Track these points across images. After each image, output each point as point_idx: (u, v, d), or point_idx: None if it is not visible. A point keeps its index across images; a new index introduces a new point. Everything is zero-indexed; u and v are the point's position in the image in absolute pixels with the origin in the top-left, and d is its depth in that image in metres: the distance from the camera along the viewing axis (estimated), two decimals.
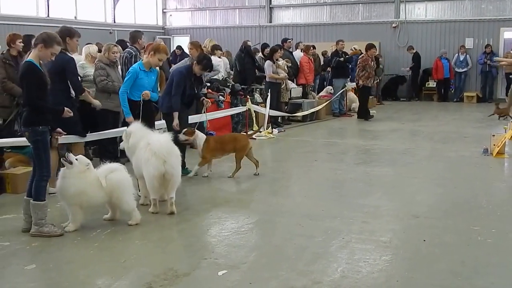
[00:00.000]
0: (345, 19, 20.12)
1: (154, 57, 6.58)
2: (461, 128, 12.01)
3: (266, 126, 11.11)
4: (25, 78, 4.88)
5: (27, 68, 4.88)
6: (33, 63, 4.88)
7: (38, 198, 4.97)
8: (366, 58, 13.44)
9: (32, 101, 4.91)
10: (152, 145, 5.54)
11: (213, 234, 5.17)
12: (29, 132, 4.94)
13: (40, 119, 4.95)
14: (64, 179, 5.04)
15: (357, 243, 4.80)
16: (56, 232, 4.98)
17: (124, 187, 5.19)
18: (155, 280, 4.02)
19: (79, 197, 5.02)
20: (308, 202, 6.21)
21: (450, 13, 18.72)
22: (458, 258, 4.48)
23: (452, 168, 8.02)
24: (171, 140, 5.75)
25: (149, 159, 5.51)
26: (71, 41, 6.45)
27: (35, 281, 4.15)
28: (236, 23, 22.12)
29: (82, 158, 5.14)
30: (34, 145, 4.98)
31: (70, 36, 6.42)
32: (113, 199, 5.18)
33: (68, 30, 6.52)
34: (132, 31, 8.84)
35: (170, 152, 5.57)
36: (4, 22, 15.93)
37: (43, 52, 4.90)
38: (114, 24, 20.64)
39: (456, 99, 18.22)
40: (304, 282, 3.99)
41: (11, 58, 7.25)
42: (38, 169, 4.99)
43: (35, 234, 4.95)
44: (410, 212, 5.74)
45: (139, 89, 6.57)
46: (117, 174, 5.18)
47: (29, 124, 4.94)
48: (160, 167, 5.47)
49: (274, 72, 11.93)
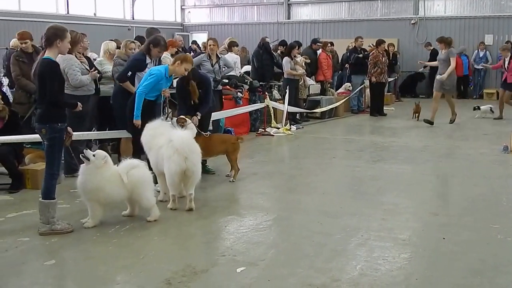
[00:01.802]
0: (363, 15, 19.98)
1: (180, 67, 6.43)
2: (480, 125, 11.85)
3: (284, 123, 11.09)
4: (47, 75, 4.82)
5: (47, 65, 4.84)
6: (53, 60, 4.87)
7: (49, 197, 4.94)
8: (376, 54, 13.33)
9: (54, 97, 4.87)
10: (174, 141, 5.58)
11: (231, 231, 5.17)
12: (46, 129, 4.88)
13: (58, 115, 4.94)
14: (83, 175, 5.06)
15: (376, 241, 4.77)
16: (68, 228, 4.98)
17: (145, 183, 5.21)
18: (174, 277, 4.04)
19: (96, 193, 5.03)
20: (326, 199, 6.18)
21: (470, 9, 18.46)
22: (478, 256, 4.42)
23: (472, 165, 7.91)
24: (193, 138, 5.79)
25: (171, 156, 5.55)
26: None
27: (54, 277, 4.20)
28: (254, 20, 22.09)
29: (99, 153, 5.14)
30: (50, 142, 4.92)
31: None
32: (134, 195, 5.18)
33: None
34: (149, 27, 8.87)
35: (191, 149, 5.62)
36: (24, 19, 16.14)
37: (62, 45, 4.88)
38: (133, 21, 20.77)
39: (476, 96, 17.98)
40: (322, 280, 3.97)
41: (25, 56, 7.37)
42: (49, 167, 4.95)
43: (47, 232, 4.90)
44: (429, 210, 5.69)
45: (154, 91, 6.42)
46: (138, 171, 5.19)
47: (46, 121, 4.89)
48: (182, 163, 5.52)
49: (292, 69, 11.89)
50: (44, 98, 4.88)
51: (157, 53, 7.04)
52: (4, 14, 16.23)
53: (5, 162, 6.57)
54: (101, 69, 7.76)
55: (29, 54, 7.41)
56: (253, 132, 10.94)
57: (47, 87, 4.83)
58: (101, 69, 7.75)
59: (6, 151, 6.54)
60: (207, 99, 7.02)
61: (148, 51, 6.93)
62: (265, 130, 10.85)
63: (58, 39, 4.83)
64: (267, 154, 9.18)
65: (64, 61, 6.60)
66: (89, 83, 7.09)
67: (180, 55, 6.99)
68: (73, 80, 6.80)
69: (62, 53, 4.98)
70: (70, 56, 6.74)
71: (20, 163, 6.78)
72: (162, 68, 6.52)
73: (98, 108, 7.61)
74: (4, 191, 6.48)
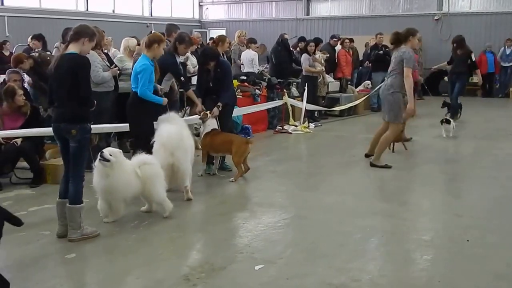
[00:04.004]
0: (385, 11, 19.71)
1: (159, 49, 6.11)
2: (507, 125, 11.59)
3: (302, 121, 11.01)
4: (80, 70, 4.53)
5: (79, 59, 4.58)
6: (82, 55, 4.66)
7: (80, 201, 4.71)
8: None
9: (88, 93, 4.63)
10: (161, 136, 5.71)
11: (249, 228, 5.13)
12: (77, 129, 4.56)
13: (88, 115, 4.71)
14: (105, 176, 4.93)
15: (397, 242, 4.69)
16: (96, 232, 4.83)
17: (156, 178, 5.20)
18: (192, 273, 4.02)
19: (124, 190, 5.02)
20: (346, 198, 6.10)
21: (497, 4, 18.10)
22: (503, 259, 4.31)
23: (498, 166, 7.71)
24: (181, 133, 5.86)
25: (158, 150, 5.68)
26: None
27: (75, 270, 4.21)
28: (273, 16, 22.00)
29: (113, 150, 5.05)
30: (79, 144, 4.61)
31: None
32: (145, 191, 5.19)
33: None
34: (168, 24, 8.87)
35: (178, 145, 5.74)
36: (43, 16, 16.36)
37: (87, 46, 4.70)
38: (151, 18, 20.87)
39: (502, 94, 17.57)
40: (342, 280, 3.91)
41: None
42: (77, 170, 4.67)
43: (79, 239, 4.67)
44: (453, 211, 5.58)
45: (151, 83, 6.12)
46: (149, 166, 5.21)
47: (78, 121, 4.59)
48: (168, 158, 5.66)
49: (310, 66, 11.79)
50: (72, 95, 4.53)
51: (184, 50, 7.03)
52: (24, 11, 16.41)
53: (27, 157, 6.65)
54: (121, 66, 7.79)
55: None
56: (270, 129, 10.88)
57: (81, 81, 4.52)
58: (121, 66, 7.78)
59: (28, 146, 6.63)
60: (227, 85, 6.96)
61: (176, 49, 6.93)
62: (283, 128, 10.79)
63: (87, 38, 4.65)
64: (285, 152, 9.12)
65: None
66: (110, 80, 7.12)
67: (154, 36, 6.35)
68: (95, 77, 6.82)
69: (83, 53, 4.69)
70: (92, 53, 6.72)
71: (41, 158, 6.86)
72: (145, 60, 6.07)
73: (117, 104, 7.62)
74: (26, 186, 6.58)
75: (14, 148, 6.56)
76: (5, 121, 6.79)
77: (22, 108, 6.79)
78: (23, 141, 6.60)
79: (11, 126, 6.74)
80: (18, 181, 6.71)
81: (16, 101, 6.72)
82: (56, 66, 4.61)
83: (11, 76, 7.47)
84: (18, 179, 6.76)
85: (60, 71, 4.56)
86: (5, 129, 6.72)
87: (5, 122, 6.79)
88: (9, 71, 7.73)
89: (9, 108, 6.75)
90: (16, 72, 7.69)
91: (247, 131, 9.61)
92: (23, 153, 6.62)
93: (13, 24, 15.90)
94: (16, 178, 6.76)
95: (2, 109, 6.80)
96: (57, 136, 4.79)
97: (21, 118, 6.80)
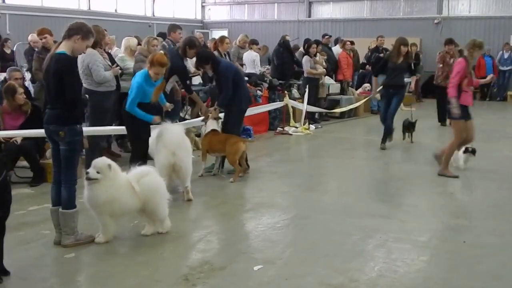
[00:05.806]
0: (386, 14, 19.78)
1: (150, 70, 5.77)
2: (504, 127, 11.64)
3: (303, 122, 11.04)
4: (65, 72, 4.35)
5: (65, 61, 4.38)
6: (69, 55, 4.43)
7: (73, 205, 4.55)
8: (443, 54, 12.91)
9: (75, 95, 4.41)
10: (164, 136, 5.71)
11: (249, 229, 5.16)
12: (64, 131, 4.39)
13: (77, 116, 4.51)
14: (92, 189, 4.53)
15: (395, 242, 4.72)
16: (91, 237, 4.66)
17: (160, 193, 4.77)
18: (192, 273, 4.05)
19: (110, 205, 4.55)
20: (345, 199, 6.13)
21: (495, 9, 18.17)
22: (500, 260, 4.35)
23: (496, 168, 7.75)
24: (183, 133, 5.89)
25: (160, 150, 5.69)
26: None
27: (74, 270, 4.24)
28: (275, 18, 22.04)
29: (101, 167, 4.54)
30: (69, 147, 4.44)
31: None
32: (148, 206, 4.71)
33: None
34: (170, 24, 8.92)
35: (179, 145, 5.74)
36: (46, 15, 16.35)
37: (79, 44, 4.44)
38: (154, 18, 20.92)
39: (500, 98, 17.66)
40: (340, 280, 3.94)
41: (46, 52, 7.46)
42: (68, 174, 4.50)
43: (73, 244, 4.54)
44: (450, 212, 5.61)
45: (143, 99, 5.80)
46: (150, 179, 4.72)
47: (65, 122, 4.40)
48: (170, 158, 5.66)
49: (312, 67, 11.83)
50: (60, 97, 4.38)
51: (193, 54, 7.05)
52: (26, 9, 16.46)
53: (28, 156, 6.67)
54: (123, 65, 7.82)
55: (49, 50, 7.50)
56: (271, 130, 10.91)
57: (65, 84, 4.33)
58: (123, 66, 7.81)
59: (29, 145, 6.65)
60: (224, 87, 6.92)
61: (185, 53, 6.97)
62: (284, 129, 10.82)
63: (80, 36, 4.41)
64: (286, 153, 9.15)
65: (88, 56, 6.64)
66: (111, 79, 7.15)
67: (149, 57, 6.07)
68: (97, 76, 6.83)
69: (76, 52, 4.49)
70: (93, 52, 6.77)
71: (41, 157, 6.87)
72: (140, 78, 5.81)
73: (119, 104, 7.65)
74: (26, 184, 6.59)
75: (14, 147, 6.57)
76: (6, 119, 6.81)
77: (22, 107, 6.80)
78: (23, 140, 6.62)
79: (12, 124, 6.76)
80: (18, 180, 6.71)
81: (16, 100, 6.73)
82: (46, 67, 4.49)
83: (12, 74, 7.49)
84: (18, 178, 6.75)
85: (49, 72, 4.44)
86: (6, 127, 6.75)
87: (6, 120, 6.81)
88: (10, 69, 7.77)
89: (10, 107, 6.77)
90: (17, 70, 7.72)
91: (248, 132, 9.62)
92: (23, 152, 6.64)
93: (14, 22, 15.96)
94: (16, 177, 6.75)
95: (2, 107, 6.82)
96: (48, 138, 4.68)
97: (21, 116, 6.82)
